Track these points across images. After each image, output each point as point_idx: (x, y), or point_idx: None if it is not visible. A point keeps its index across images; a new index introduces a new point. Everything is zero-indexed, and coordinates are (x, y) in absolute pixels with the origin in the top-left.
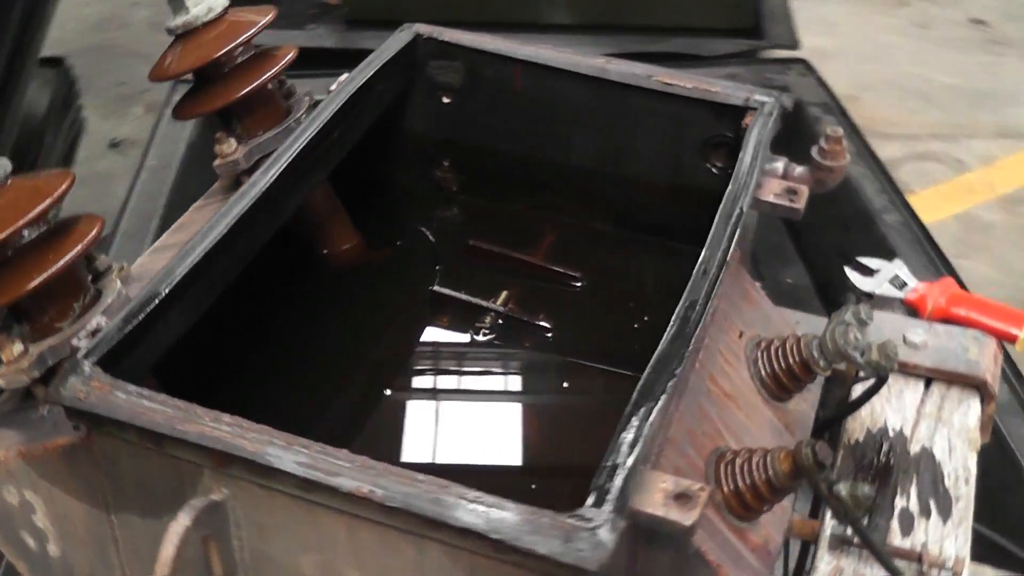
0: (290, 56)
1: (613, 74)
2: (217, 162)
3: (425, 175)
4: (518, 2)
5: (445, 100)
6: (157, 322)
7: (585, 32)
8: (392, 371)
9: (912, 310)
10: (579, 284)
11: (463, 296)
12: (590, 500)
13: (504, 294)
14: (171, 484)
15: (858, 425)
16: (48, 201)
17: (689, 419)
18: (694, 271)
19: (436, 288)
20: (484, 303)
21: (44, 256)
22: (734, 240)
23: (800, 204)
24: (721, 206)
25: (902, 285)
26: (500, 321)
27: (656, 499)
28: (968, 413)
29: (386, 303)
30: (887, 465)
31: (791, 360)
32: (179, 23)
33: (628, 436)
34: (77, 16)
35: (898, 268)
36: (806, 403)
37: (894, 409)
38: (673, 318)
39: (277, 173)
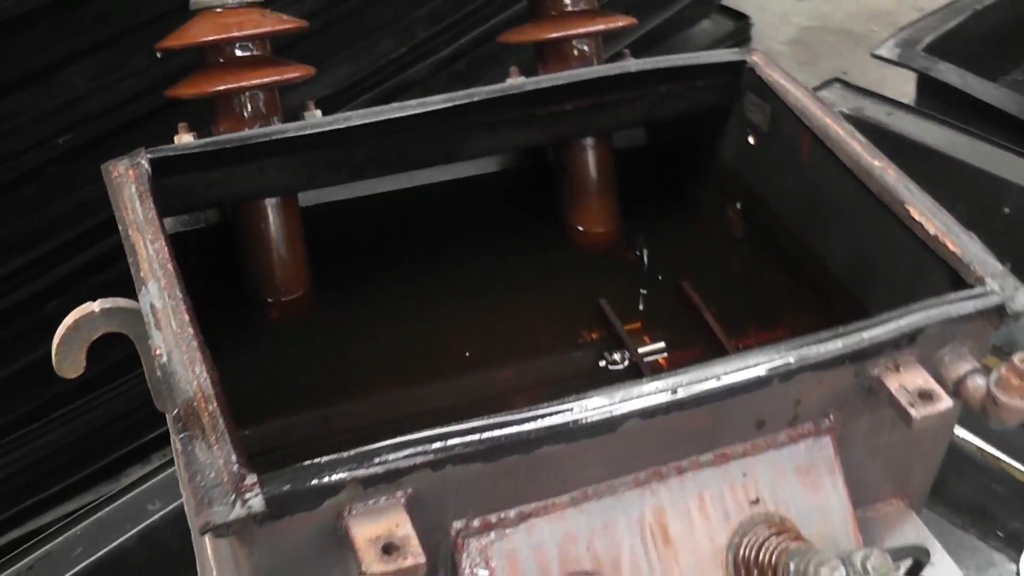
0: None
1: (876, 182)
2: None
3: (719, 207)
4: None
5: (751, 140)
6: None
7: None
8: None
9: None
10: None
11: (617, 323)
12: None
13: (662, 348)
14: None
15: None
16: (258, 31)
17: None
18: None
19: (603, 304)
20: (631, 343)
21: (238, 71)
22: None
23: (919, 414)
24: None
25: None
26: (628, 362)
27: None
28: None
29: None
30: None
31: (763, 560)
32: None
33: None
34: None
35: None
36: None
37: None
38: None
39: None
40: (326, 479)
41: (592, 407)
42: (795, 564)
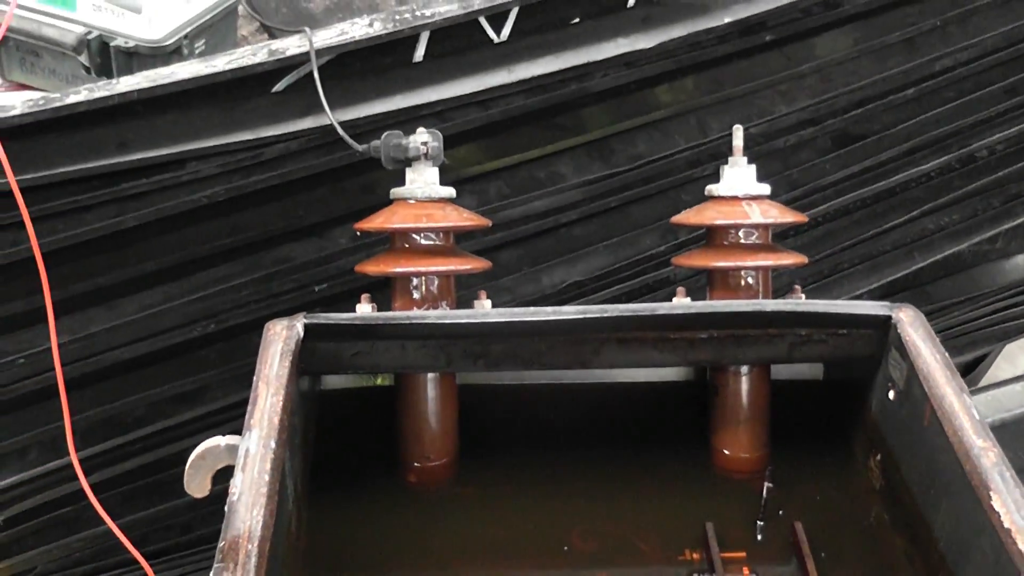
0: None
1: (972, 462)
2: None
3: (863, 457)
4: None
5: (891, 395)
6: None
7: None
8: None
9: None
10: None
11: (715, 548)
12: None
13: None
14: None
15: None
16: (444, 224)
17: None
18: None
19: (708, 526)
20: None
21: (417, 257)
22: None
23: None
24: None
25: None
26: None
27: None
28: None
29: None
30: None
31: None
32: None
33: None
34: None
35: None
36: None
37: None
38: None
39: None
40: None
41: None
42: None
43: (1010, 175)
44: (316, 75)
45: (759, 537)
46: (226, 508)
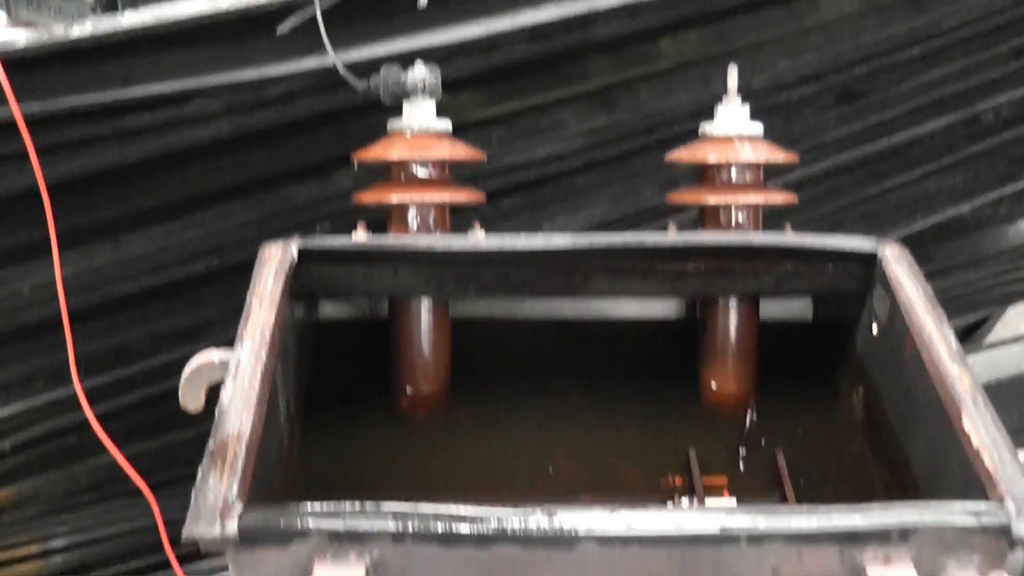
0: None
1: (946, 388)
2: None
3: (847, 391)
4: None
5: (875, 331)
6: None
7: None
8: None
9: None
10: None
11: (696, 473)
12: None
13: (733, 505)
14: None
15: None
16: (440, 155)
17: None
18: None
19: (691, 453)
20: (702, 492)
21: (413, 188)
22: None
23: None
24: None
25: None
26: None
27: None
28: None
29: None
30: None
31: None
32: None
33: None
34: None
35: None
36: None
37: None
38: None
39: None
40: (294, 523)
41: (547, 522)
42: None
43: (1015, 138)
44: (319, 16)
45: (741, 465)
46: (216, 413)
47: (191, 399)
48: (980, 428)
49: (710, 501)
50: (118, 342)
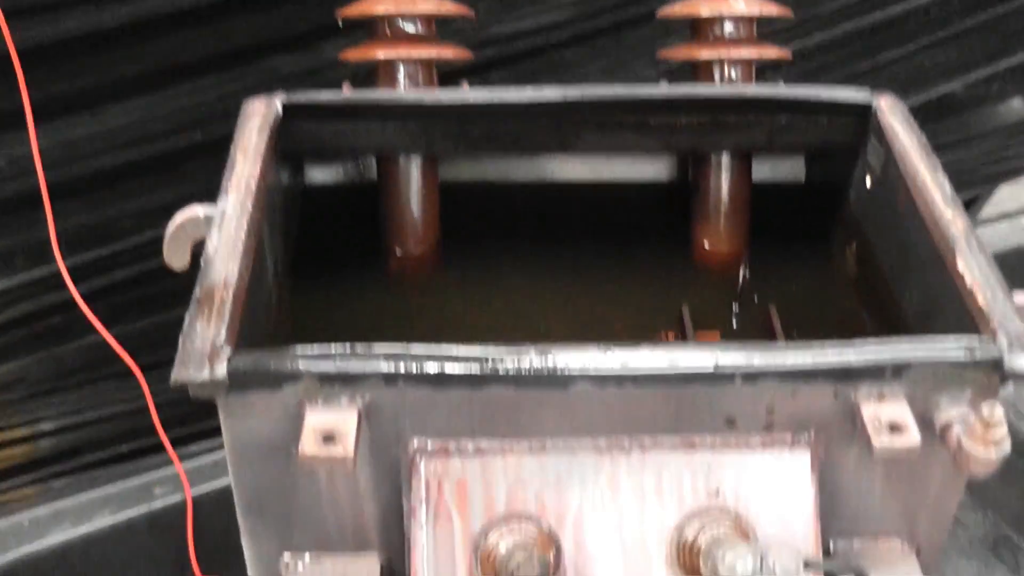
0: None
1: (940, 230)
2: None
3: (840, 247)
4: None
5: (868, 183)
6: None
7: None
8: None
9: None
10: None
11: (689, 328)
12: None
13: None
14: None
15: None
16: (426, 9)
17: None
18: None
19: (684, 309)
20: None
21: (399, 44)
22: None
23: (879, 443)
24: None
25: None
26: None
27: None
28: None
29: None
30: None
31: (699, 545)
32: None
33: None
34: None
35: None
36: None
37: None
38: None
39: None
40: (285, 366)
41: (540, 360)
42: (715, 550)
43: (1009, 11)
44: None
45: (734, 322)
46: (201, 263)
47: (176, 256)
48: (974, 268)
49: None
50: (100, 219)
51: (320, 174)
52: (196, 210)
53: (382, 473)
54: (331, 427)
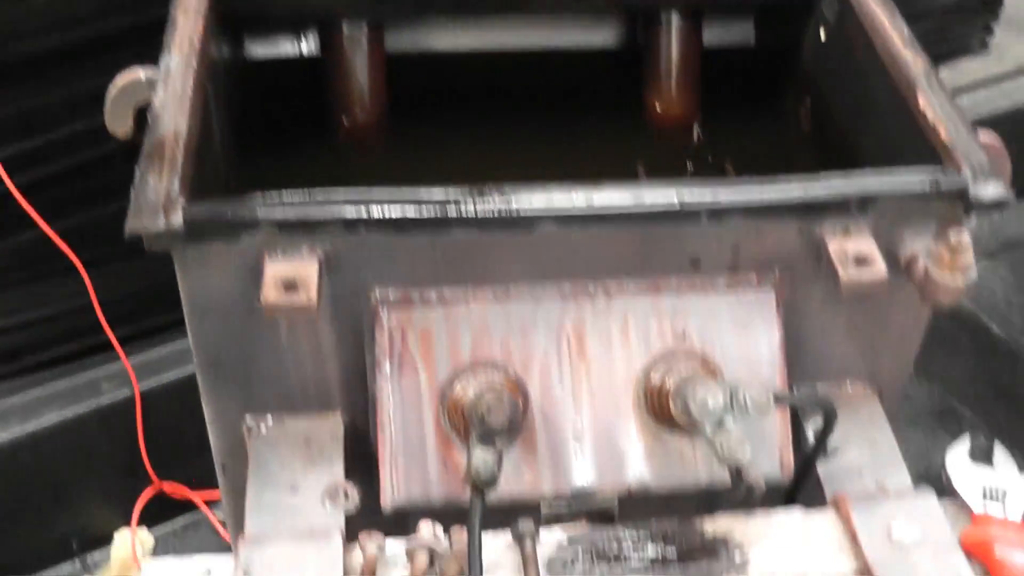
0: None
1: (901, 71)
2: None
3: (793, 104)
4: None
5: (823, 36)
6: None
7: None
8: None
9: None
10: None
11: None
12: None
13: None
14: None
15: None
16: None
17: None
18: None
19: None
20: None
21: None
22: None
23: (847, 275)
24: None
25: None
26: None
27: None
28: None
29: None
30: None
31: (667, 386)
32: None
33: None
34: None
35: None
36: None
37: None
38: None
39: None
40: (242, 215)
41: (503, 201)
42: (684, 388)
43: None
44: None
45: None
46: (148, 120)
47: (118, 122)
48: (936, 105)
49: None
50: (29, 107)
51: (261, 48)
52: (138, 72)
53: (344, 328)
54: (292, 275)
